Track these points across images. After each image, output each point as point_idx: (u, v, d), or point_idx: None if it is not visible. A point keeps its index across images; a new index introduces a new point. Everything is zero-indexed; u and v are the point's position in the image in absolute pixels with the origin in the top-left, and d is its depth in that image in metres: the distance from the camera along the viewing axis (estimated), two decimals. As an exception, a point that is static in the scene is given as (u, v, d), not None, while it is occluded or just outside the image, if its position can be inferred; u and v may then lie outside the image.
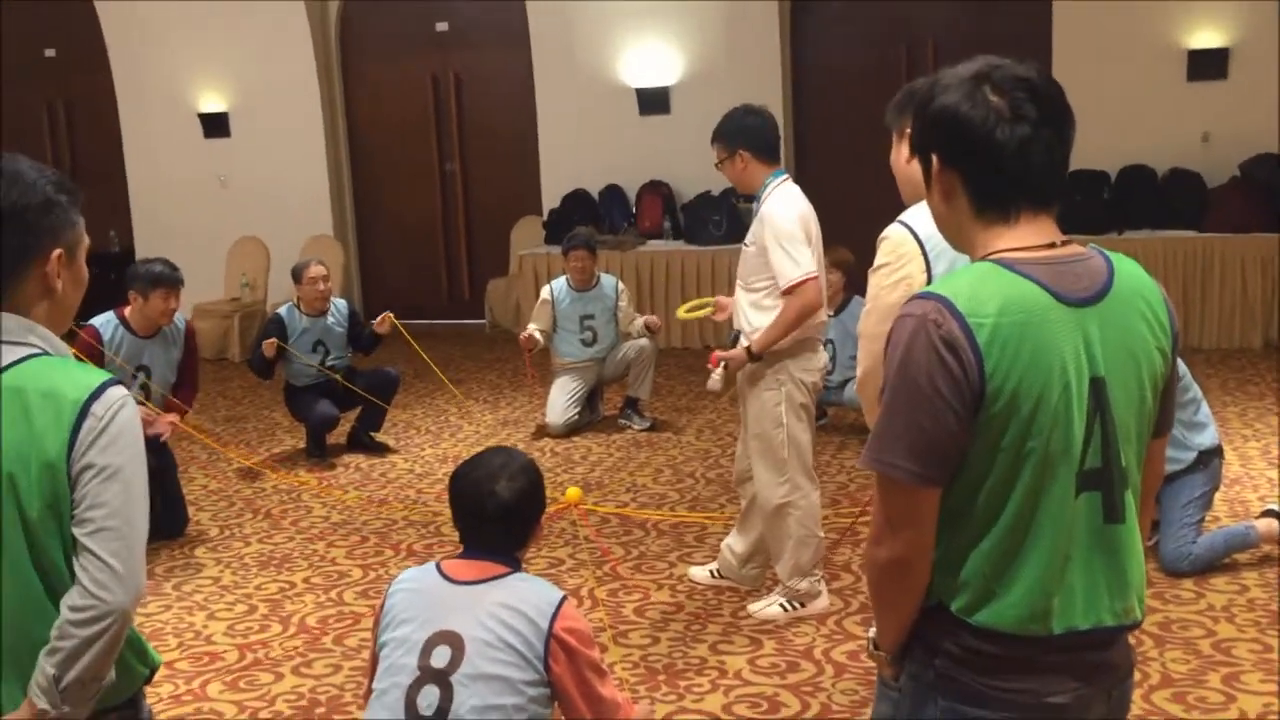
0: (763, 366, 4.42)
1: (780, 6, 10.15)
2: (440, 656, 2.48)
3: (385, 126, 11.56)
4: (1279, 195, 8.75)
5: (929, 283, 2.81)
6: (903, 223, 2.97)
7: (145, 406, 5.55)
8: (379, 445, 7.25)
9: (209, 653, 4.50)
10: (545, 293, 7.59)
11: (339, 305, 7.16)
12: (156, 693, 4.09)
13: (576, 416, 7.43)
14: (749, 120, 4.48)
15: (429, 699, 2.46)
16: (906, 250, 2.91)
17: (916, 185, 2.21)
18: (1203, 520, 4.85)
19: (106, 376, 1.99)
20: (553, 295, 7.51)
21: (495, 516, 2.61)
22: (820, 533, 4.58)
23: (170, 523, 5.71)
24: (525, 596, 2.55)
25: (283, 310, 7.09)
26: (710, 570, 4.95)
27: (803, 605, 4.56)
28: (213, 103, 11.49)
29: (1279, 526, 4.88)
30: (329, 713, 4.00)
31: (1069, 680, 1.86)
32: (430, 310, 11.27)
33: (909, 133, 2.34)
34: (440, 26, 11.28)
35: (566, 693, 2.52)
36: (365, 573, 5.24)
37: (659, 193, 10.35)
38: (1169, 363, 1.94)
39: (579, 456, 6.94)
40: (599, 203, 10.56)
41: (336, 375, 7.04)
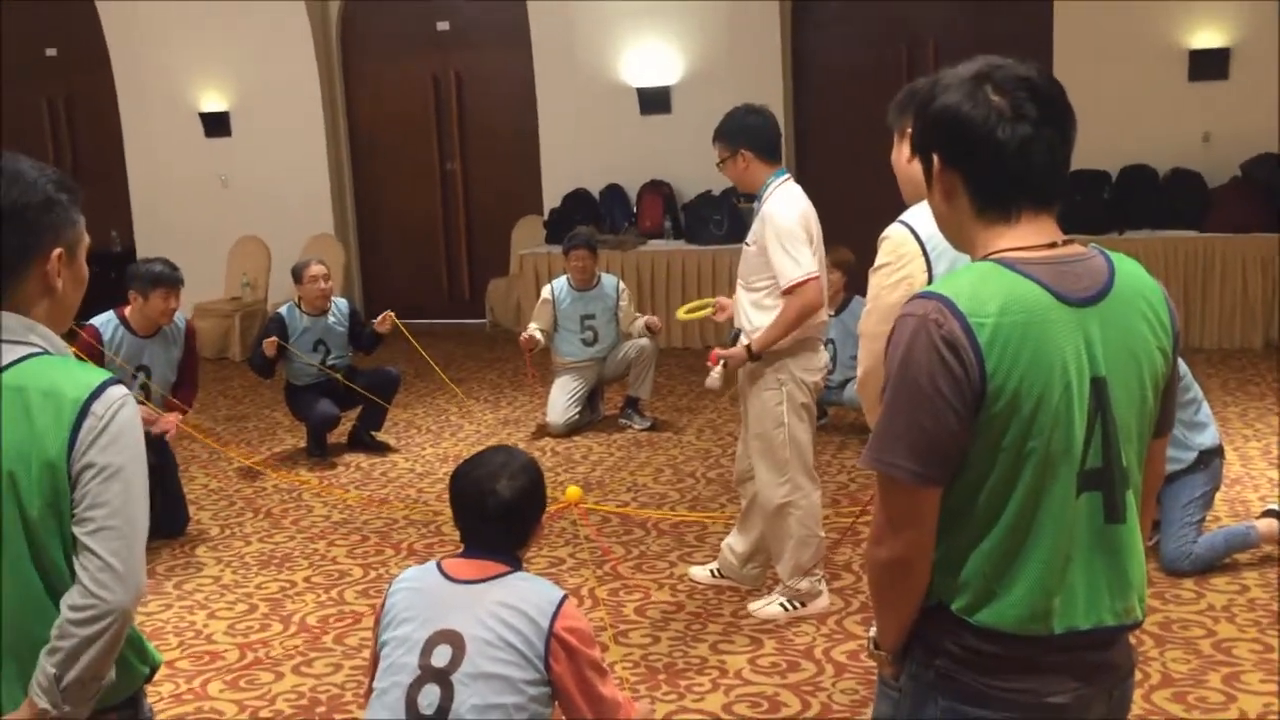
0: (764, 366, 4.42)
1: (781, 6, 10.14)
2: (441, 655, 2.48)
3: (386, 126, 11.56)
4: (1279, 195, 8.75)
5: (930, 282, 2.81)
6: (904, 222, 2.96)
7: (145, 406, 5.55)
8: (380, 444, 7.25)
9: (209, 652, 4.50)
10: (546, 292, 7.58)
11: (340, 304, 7.16)
12: (157, 692, 4.09)
13: (577, 416, 7.43)
14: (750, 120, 4.48)
15: (430, 698, 2.46)
16: (907, 250, 2.91)
17: (918, 185, 2.21)
18: (1203, 520, 4.85)
19: (107, 375, 1.99)
20: (553, 295, 7.51)
21: (496, 515, 2.61)
22: (821, 532, 4.58)
23: (171, 522, 5.71)
24: (526, 595, 2.55)
25: (283, 309, 7.09)
26: (711, 570, 4.95)
27: (803, 605, 4.56)
28: (214, 102, 11.49)
29: (1279, 526, 4.88)
30: (329, 712, 4.00)
31: (1070, 680, 1.86)
32: (431, 310, 11.26)
33: (910, 132, 2.34)
34: (441, 26, 11.27)
35: (567, 692, 2.52)
36: (366, 572, 5.24)
37: (660, 192, 10.34)
38: (1170, 362, 1.94)
39: (579, 456, 6.94)
40: (600, 202, 10.55)
41: (337, 374, 7.03)
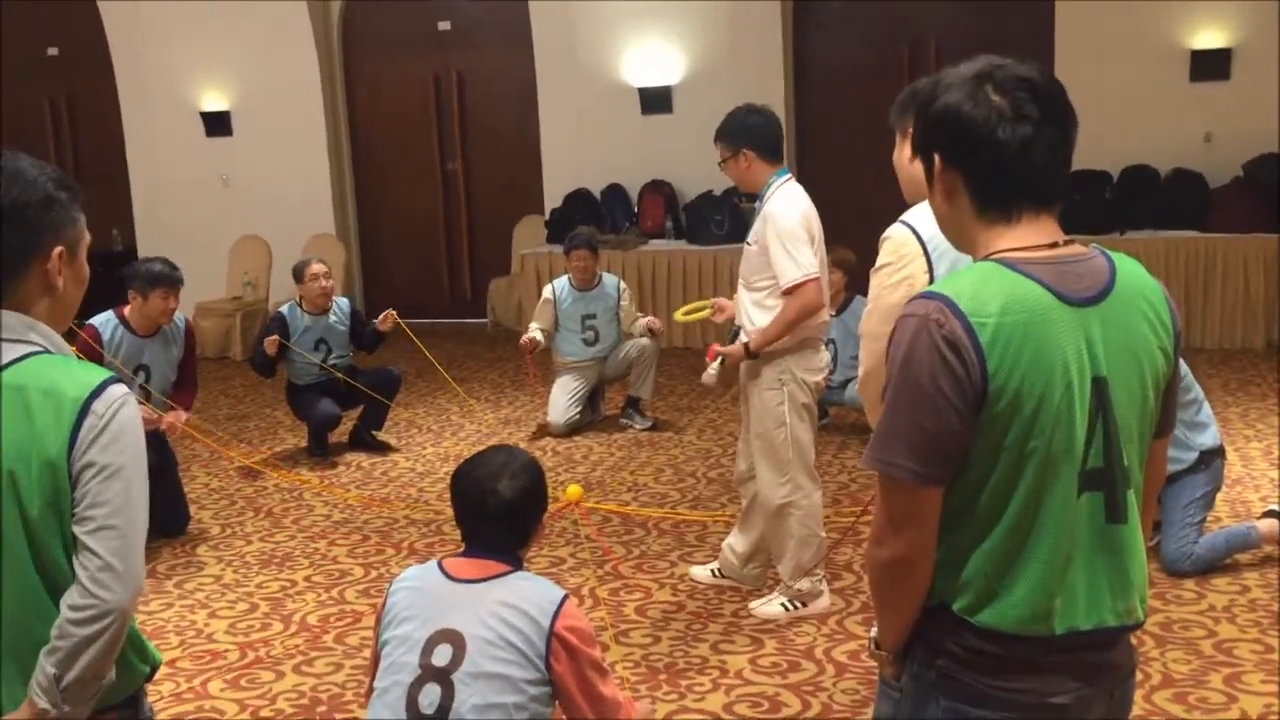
0: (765, 366, 4.42)
1: (782, 6, 10.14)
2: (442, 655, 2.48)
3: (387, 125, 11.56)
4: (1280, 196, 8.76)
5: (931, 283, 2.81)
6: (905, 223, 2.96)
7: (145, 406, 5.55)
8: (381, 444, 7.26)
9: (210, 651, 4.50)
10: (547, 292, 7.58)
11: (341, 304, 7.16)
12: (158, 691, 4.10)
13: (578, 416, 7.43)
14: (752, 119, 4.47)
15: (430, 697, 2.46)
16: (909, 250, 2.90)
17: (919, 185, 2.21)
18: (1204, 520, 4.85)
19: (107, 375, 1.99)
20: (555, 294, 7.50)
21: (497, 515, 2.61)
22: (822, 532, 4.58)
23: (171, 521, 5.72)
24: (527, 595, 2.55)
25: (285, 309, 7.09)
26: (711, 569, 4.95)
27: (804, 605, 4.56)
28: (215, 101, 11.49)
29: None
30: (330, 711, 4.00)
31: (1071, 680, 1.86)
32: (432, 309, 11.25)
33: (911, 132, 2.34)
34: (442, 26, 11.27)
35: (568, 691, 2.52)
36: (366, 571, 5.24)
37: (661, 192, 10.34)
38: (1171, 363, 1.94)
39: (580, 456, 6.94)
40: (601, 202, 10.54)
41: (338, 374, 7.04)
